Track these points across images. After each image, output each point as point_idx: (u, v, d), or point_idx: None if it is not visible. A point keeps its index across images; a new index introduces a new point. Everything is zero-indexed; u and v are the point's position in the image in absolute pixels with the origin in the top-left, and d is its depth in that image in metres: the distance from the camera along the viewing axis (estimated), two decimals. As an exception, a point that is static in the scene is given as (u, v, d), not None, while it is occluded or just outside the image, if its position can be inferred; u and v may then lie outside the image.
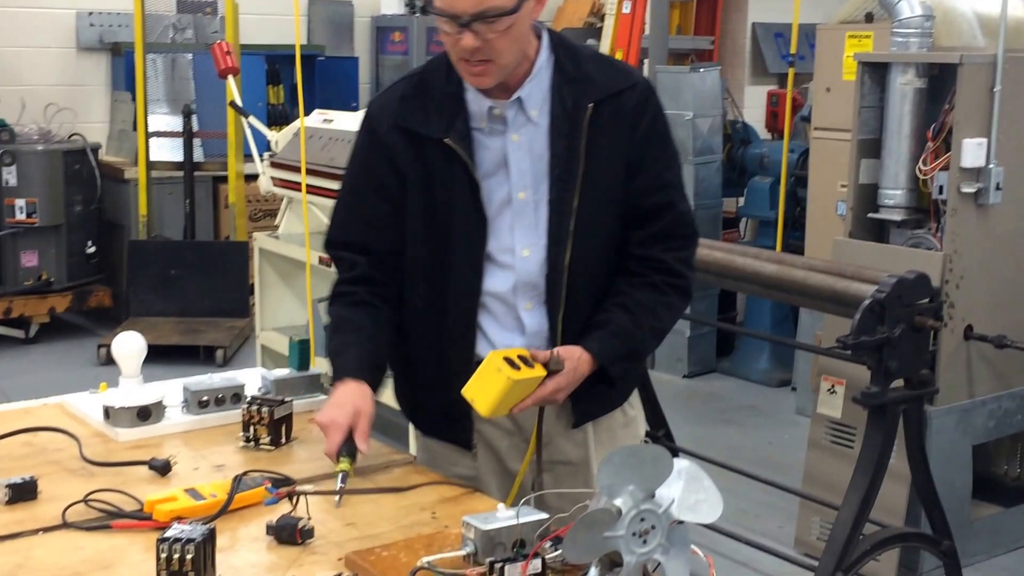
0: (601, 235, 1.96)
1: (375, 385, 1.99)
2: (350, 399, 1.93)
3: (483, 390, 1.84)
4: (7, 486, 1.81)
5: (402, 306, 2.04)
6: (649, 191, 1.96)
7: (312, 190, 4.48)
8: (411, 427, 4.31)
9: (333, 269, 2.13)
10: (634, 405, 2.17)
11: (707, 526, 3.17)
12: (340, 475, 1.88)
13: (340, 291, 2.05)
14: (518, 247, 1.95)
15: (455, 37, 1.81)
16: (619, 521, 1.34)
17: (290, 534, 1.69)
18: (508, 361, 1.84)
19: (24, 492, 1.82)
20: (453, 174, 1.92)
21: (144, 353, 2.18)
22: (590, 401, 2.02)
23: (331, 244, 2.10)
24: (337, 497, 1.84)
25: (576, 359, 1.89)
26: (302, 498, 1.76)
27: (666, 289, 1.97)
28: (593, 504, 1.40)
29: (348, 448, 1.91)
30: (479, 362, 1.85)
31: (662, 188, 1.97)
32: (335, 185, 4.44)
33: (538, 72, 1.92)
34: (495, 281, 1.96)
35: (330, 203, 5.01)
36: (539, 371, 1.85)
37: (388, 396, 4.79)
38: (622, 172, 1.94)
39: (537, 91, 1.92)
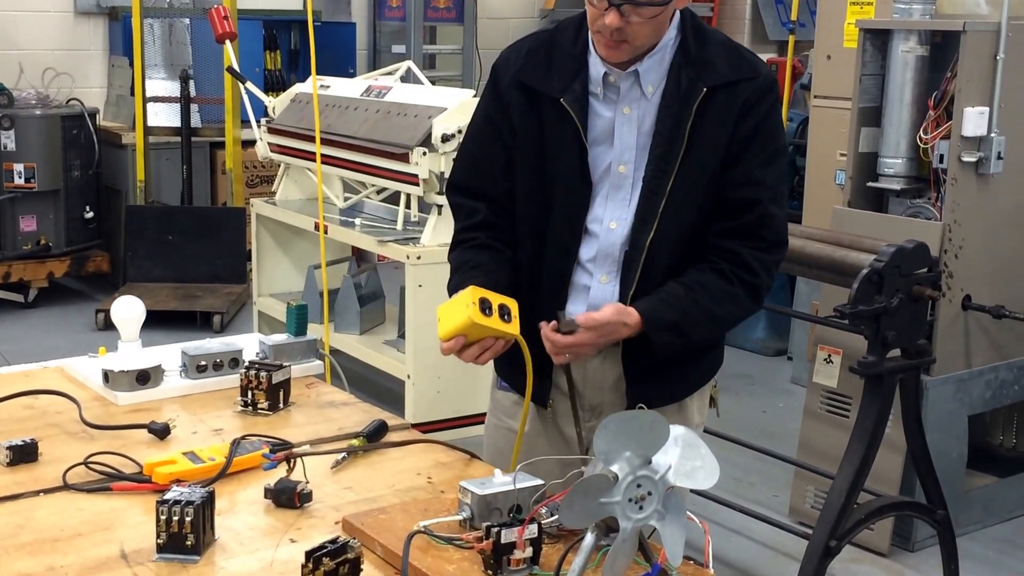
0: (688, 220, 1.93)
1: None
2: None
3: (448, 316, 1.84)
4: (8, 448, 1.82)
5: (515, 260, 2.03)
6: (739, 184, 1.91)
7: (310, 156, 4.46)
8: (407, 392, 4.31)
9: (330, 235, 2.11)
10: (693, 409, 2.10)
11: (701, 493, 3.18)
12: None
13: (460, 238, 2.05)
14: (607, 219, 1.95)
15: (600, 11, 1.82)
16: (615, 487, 1.35)
17: (289, 498, 1.70)
18: (483, 303, 1.82)
19: (25, 454, 1.83)
20: (565, 135, 1.93)
21: (143, 318, 2.19)
22: (644, 384, 1.99)
23: (452, 188, 2.10)
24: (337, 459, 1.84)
25: (618, 311, 1.85)
26: (299, 461, 1.77)
27: (733, 279, 1.92)
28: (589, 469, 1.40)
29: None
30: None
31: (753, 184, 1.92)
32: (332, 151, 4.46)
33: (661, 49, 1.91)
34: (584, 248, 1.96)
35: (328, 170, 5.01)
36: (508, 328, 1.83)
37: (387, 364, 4.79)
38: (719, 161, 1.91)
39: (657, 68, 1.91)
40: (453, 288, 1.96)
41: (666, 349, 1.91)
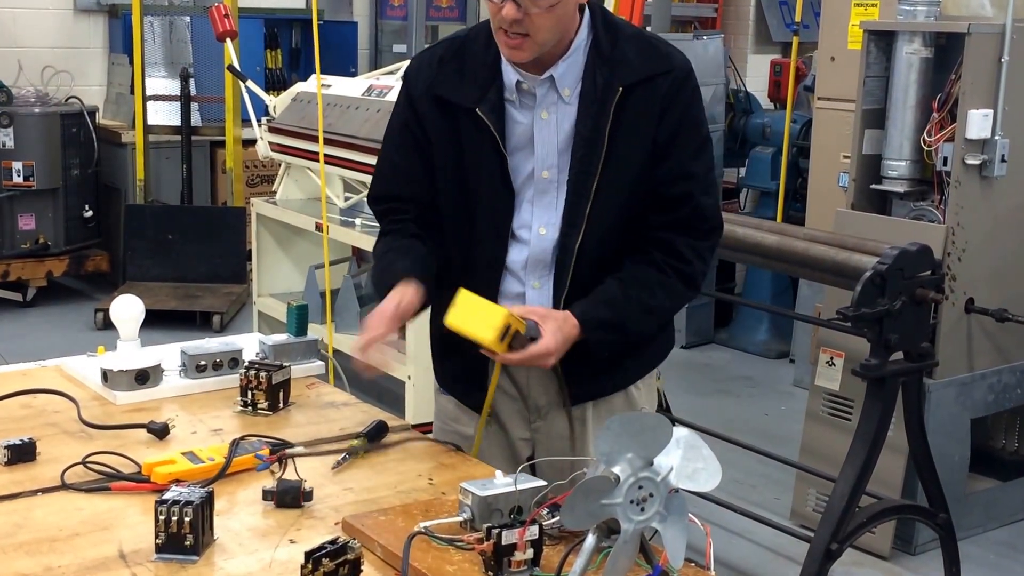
0: (616, 221, 1.92)
1: (427, 286, 1.93)
2: (397, 295, 1.89)
3: (472, 323, 1.84)
4: (6, 447, 1.81)
5: (440, 269, 2.02)
6: (671, 180, 1.91)
7: (311, 156, 4.45)
8: (408, 393, 4.30)
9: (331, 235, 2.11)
10: (641, 391, 2.10)
11: (703, 496, 3.16)
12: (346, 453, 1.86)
13: (388, 228, 2.03)
14: (535, 224, 1.93)
15: (498, 4, 1.78)
16: (617, 488, 1.34)
17: (293, 497, 1.68)
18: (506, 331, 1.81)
19: (23, 453, 1.82)
20: (482, 145, 1.90)
21: (142, 317, 2.17)
22: (580, 383, 2.01)
23: (377, 199, 2.07)
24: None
25: (561, 320, 1.86)
26: (291, 463, 1.76)
27: (666, 269, 1.92)
28: (591, 471, 1.39)
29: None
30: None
31: (685, 178, 1.92)
32: (333, 151, 4.44)
33: (575, 51, 1.88)
34: (513, 255, 1.95)
35: (329, 169, 4.98)
36: (500, 347, 1.81)
37: (388, 367, 4.76)
38: (646, 159, 1.89)
39: (571, 70, 1.88)
40: (379, 274, 1.94)
41: (603, 347, 1.91)
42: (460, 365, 2.04)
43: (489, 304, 1.83)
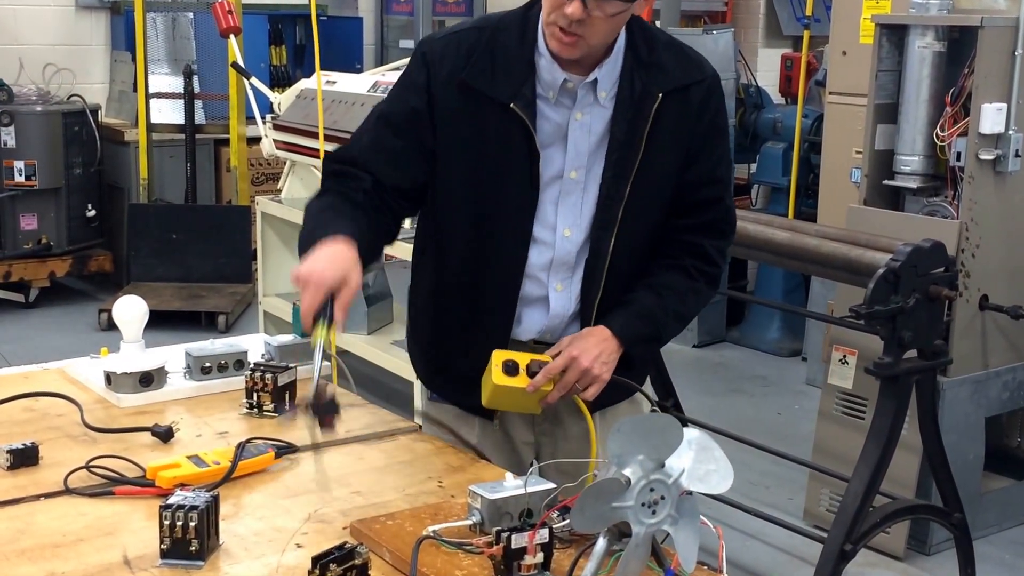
0: (647, 224, 1.93)
1: (364, 263, 1.74)
2: (340, 258, 1.68)
3: (484, 383, 1.87)
4: (8, 452, 1.79)
5: (439, 271, 1.98)
6: (701, 185, 1.94)
7: (316, 153, 4.41)
8: (416, 393, 4.26)
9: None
10: (643, 402, 2.12)
11: (716, 497, 3.13)
12: (317, 347, 1.62)
13: (332, 188, 1.87)
14: (560, 226, 1.91)
15: (561, 1, 1.75)
16: (628, 491, 1.32)
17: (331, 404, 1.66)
18: (508, 365, 1.83)
19: (25, 458, 1.79)
20: (511, 140, 1.85)
21: (146, 318, 2.15)
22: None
23: (340, 160, 1.92)
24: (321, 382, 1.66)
25: (600, 339, 1.87)
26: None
27: (696, 275, 1.96)
28: (602, 473, 1.37)
29: (327, 314, 1.64)
30: (512, 338, 1.90)
31: (714, 183, 1.96)
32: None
33: (615, 55, 1.88)
34: (534, 256, 1.91)
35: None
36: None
37: (395, 365, 4.75)
38: (678, 164, 1.92)
39: (610, 73, 1.88)
40: (306, 237, 1.73)
41: (643, 360, 1.96)
42: (454, 377, 2.01)
43: (518, 383, 1.84)
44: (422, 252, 2.03)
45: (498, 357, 1.84)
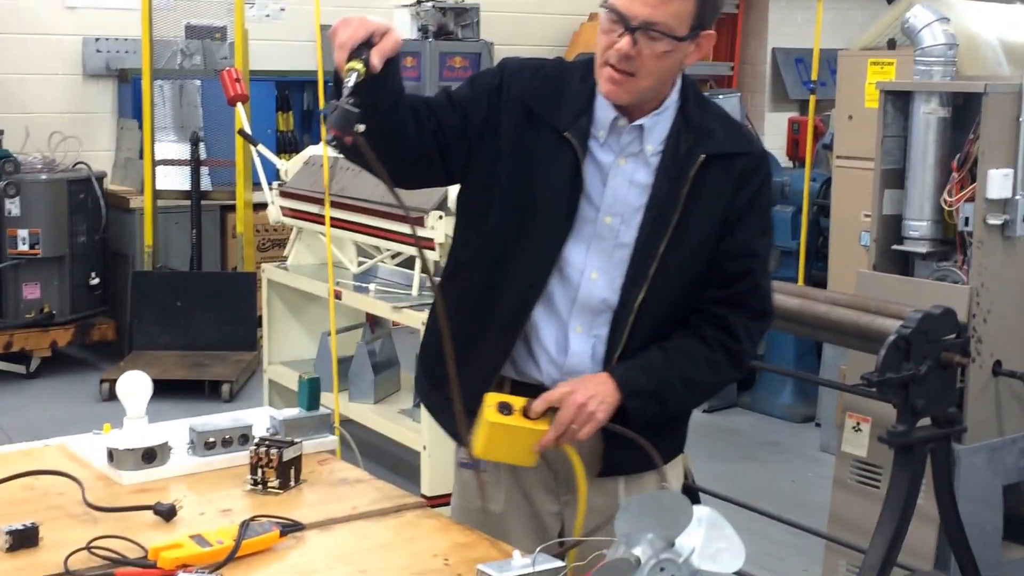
0: (677, 284, 1.93)
1: (390, 93, 1.80)
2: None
3: (477, 429, 1.84)
4: (8, 533, 1.75)
5: (459, 279, 2.00)
6: (734, 256, 1.95)
7: (323, 220, 4.41)
8: (423, 463, 4.18)
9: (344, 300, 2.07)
10: (673, 476, 2.09)
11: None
12: (351, 74, 1.67)
13: None
14: (588, 268, 1.92)
15: (613, 38, 1.81)
16: (638, 571, 1.31)
17: None
18: (502, 405, 1.82)
19: (25, 539, 1.76)
20: (559, 166, 1.89)
21: (150, 393, 2.12)
22: (620, 450, 1.95)
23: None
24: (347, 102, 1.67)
25: (599, 381, 1.85)
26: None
27: (714, 345, 1.94)
28: (612, 553, 1.35)
29: (363, 53, 1.68)
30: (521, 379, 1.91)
31: (747, 256, 1.96)
32: (345, 215, 4.41)
33: (665, 109, 1.91)
34: (556, 291, 1.92)
35: (342, 234, 4.92)
36: (536, 425, 1.83)
37: (402, 435, 4.67)
38: (714, 231, 1.93)
39: (659, 127, 1.91)
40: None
41: (640, 416, 1.91)
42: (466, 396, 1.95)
43: (512, 421, 1.82)
44: (450, 277, 2.04)
45: (492, 399, 1.83)
